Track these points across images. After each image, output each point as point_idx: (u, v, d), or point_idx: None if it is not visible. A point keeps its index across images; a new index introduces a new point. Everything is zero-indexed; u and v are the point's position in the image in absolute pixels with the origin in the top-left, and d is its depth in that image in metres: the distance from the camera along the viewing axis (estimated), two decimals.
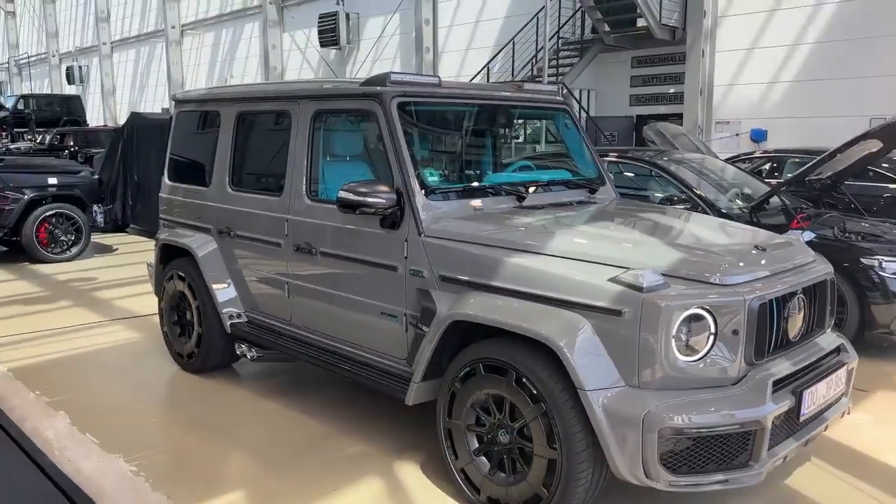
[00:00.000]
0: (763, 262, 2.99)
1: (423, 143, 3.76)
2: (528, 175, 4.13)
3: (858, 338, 5.01)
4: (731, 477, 2.67)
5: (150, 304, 6.62)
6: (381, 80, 3.61)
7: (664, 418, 2.58)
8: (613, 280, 2.74)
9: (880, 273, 5.06)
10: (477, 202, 3.57)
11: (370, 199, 3.36)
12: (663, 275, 2.74)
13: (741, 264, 2.90)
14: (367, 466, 3.57)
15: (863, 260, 5.12)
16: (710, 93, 12.83)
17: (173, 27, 25.81)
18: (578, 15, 14.02)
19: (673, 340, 2.64)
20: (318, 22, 19.84)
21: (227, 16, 24.70)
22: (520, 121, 4.55)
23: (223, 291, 4.59)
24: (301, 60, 21.92)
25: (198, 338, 4.78)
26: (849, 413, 3.28)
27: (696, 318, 2.67)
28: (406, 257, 3.41)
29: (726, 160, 8.26)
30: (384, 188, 3.40)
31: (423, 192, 3.42)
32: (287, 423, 4.13)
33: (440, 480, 3.36)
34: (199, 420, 4.18)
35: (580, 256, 2.94)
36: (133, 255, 9.89)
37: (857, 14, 11.16)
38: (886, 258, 5.09)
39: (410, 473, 3.48)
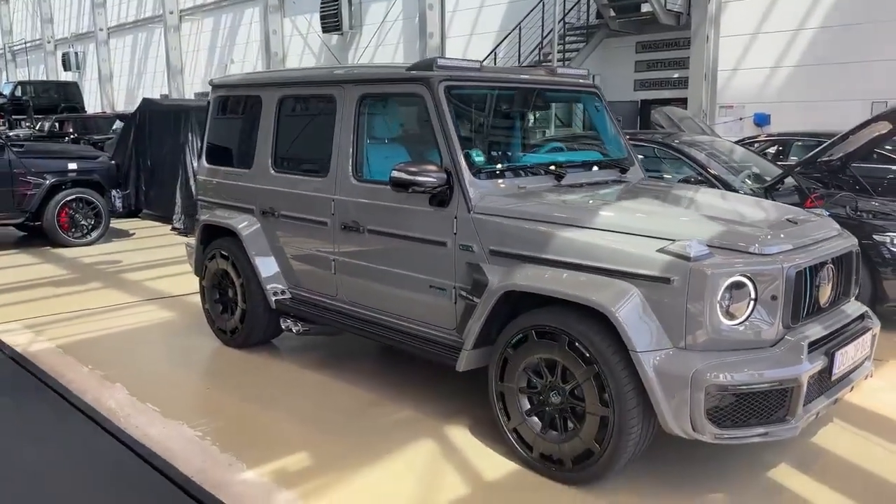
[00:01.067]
0: (796, 233, 3.21)
1: (467, 125, 3.96)
2: (564, 155, 4.34)
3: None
4: (770, 430, 2.91)
5: (180, 284, 6.84)
6: (429, 64, 3.80)
7: (710, 376, 2.81)
8: (662, 251, 2.95)
9: (891, 249, 5.30)
10: (521, 181, 3.77)
11: (421, 179, 3.56)
12: (707, 245, 2.96)
13: (778, 236, 3.12)
14: (418, 430, 3.79)
15: (875, 237, 5.35)
16: (714, 77, 13.03)
17: (171, 12, 25.76)
18: (584, 0, 14.16)
19: (718, 305, 2.86)
20: (321, 7, 19.92)
21: (226, 1, 24.70)
22: (554, 104, 4.74)
23: (267, 269, 4.79)
24: (303, 46, 21.98)
25: (241, 314, 4.98)
26: (871, 375, 3.52)
27: (738, 285, 2.89)
28: (455, 233, 3.62)
29: (734, 143, 8.47)
30: (434, 168, 3.59)
31: (471, 171, 3.62)
32: (334, 392, 4.35)
33: (490, 441, 3.59)
34: (250, 390, 4.40)
35: (627, 230, 3.15)
36: (151, 238, 10.08)
37: None
38: None
39: (460, 436, 3.71)
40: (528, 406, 3.32)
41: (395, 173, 3.59)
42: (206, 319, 5.38)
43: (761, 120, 12.63)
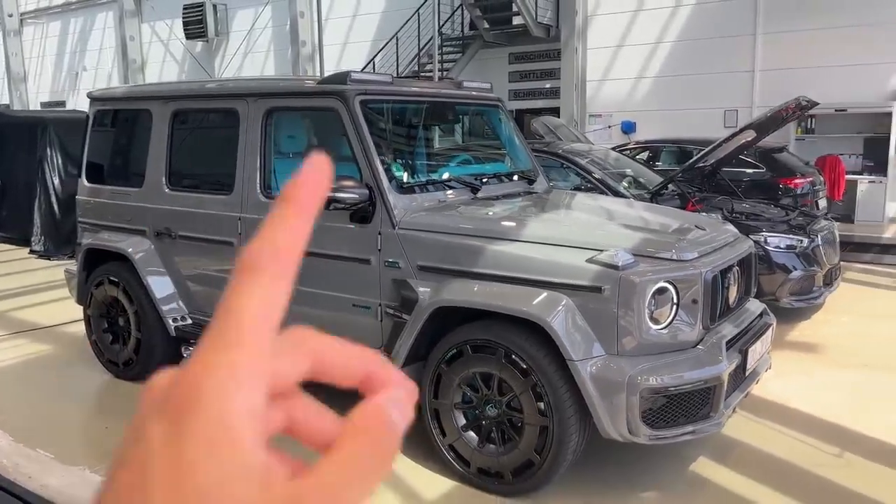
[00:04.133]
0: (707, 239, 3.42)
1: (384, 139, 3.90)
2: (476, 168, 4.38)
3: None
4: (697, 428, 3.07)
5: (52, 313, 6.27)
6: (342, 78, 3.71)
7: (643, 380, 2.92)
8: (591, 261, 3.04)
9: (765, 247, 5.76)
10: (440, 194, 3.77)
11: (342, 195, 3.46)
12: (632, 254, 3.08)
13: (693, 242, 3.31)
14: None
15: (750, 236, 5.77)
16: (583, 87, 13.65)
17: (10, 15, 23.62)
18: (459, 11, 14.41)
19: (646, 311, 2.99)
20: (183, 12, 18.99)
21: (74, 4, 23.00)
22: (462, 117, 4.78)
23: (165, 293, 4.48)
24: (164, 53, 20.88)
25: (136, 343, 4.63)
26: (770, 368, 3.80)
27: (662, 290, 3.03)
28: (380, 250, 3.55)
29: (611, 149, 8.91)
30: (354, 183, 3.51)
31: (392, 186, 3.57)
32: None
33: (422, 459, 3.54)
34: None
35: (556, 241, 3.22)
36: (7, 264, 9.17)
37: (711, 15, 12.31)
38: (769, 234, 5.81)
39: None
40: (464, 421, 3.31)
41: None
42: (92, 351, 4.96)
43: (628, 127, 13.37)
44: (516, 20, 13.35)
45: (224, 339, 0.31)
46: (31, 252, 9.51)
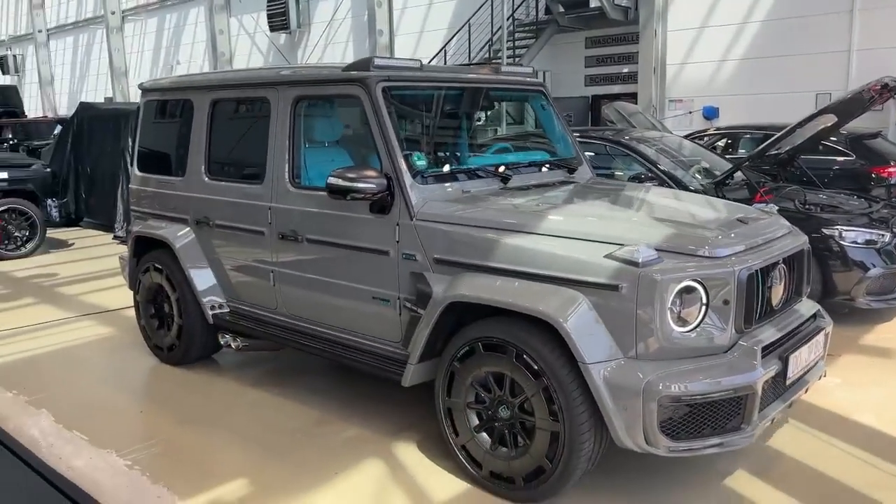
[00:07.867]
0: (747, 234, 3.12)
1: (408, 128, 3.78)
2: (511, 156, 4.20)
3: (821, 305, 5.22)
4: (725, 440, 2.80)
5: (118, 298, 6.51)
6: (365, 64, 3.61)
7: (663, 387, 2.69)
8: (609, 256, 2.82)
9: (840, 242, 5.29)
10: (466, 184, 3.61)
11: (360, 185, 3.37)
12: (656, 249, 2.84)
13: (728, 237, 3.02)
14: (365, 449, 3.61)
15: (824, 230, 5.33)
16: (663, 71, 13.06)
17: (113, 13, 24.82)
18: None
19: (668, 312, 2.74)
20: (268, 5, 19.49)
21: (170, 0, 24.03)
22: (500, 103, 4.59)
23: (204, 282, 4.54)
24: (250, 45, 21.50)
25: (178, 330, 4.72)
26: (825, 376, 3.45)
27: (689, 290, 2.78)
28: (398, 241, 3.44)
29: (683, 137, 8.45)
30: (373, 173, 3.41)
31: (412, 176, 3.45)
32: (277, 410, 4.13)
33: (439, 458, 3.43)
34: (188, 412, 4.15)
35: (574, 234, 3.01)
36: (91, 249, 9.66)
37: None
38: (845, 228, 5.32)
39: (409, 454, 3.54)
40: (477, 422, 3.17)
41: (332, 179, 3.40)
42: (142, 336, 5.11)
43: (710, 113, 12.71)
44: (593, 3, 12.86)
45: None
46: (115, 238, 9.98)
